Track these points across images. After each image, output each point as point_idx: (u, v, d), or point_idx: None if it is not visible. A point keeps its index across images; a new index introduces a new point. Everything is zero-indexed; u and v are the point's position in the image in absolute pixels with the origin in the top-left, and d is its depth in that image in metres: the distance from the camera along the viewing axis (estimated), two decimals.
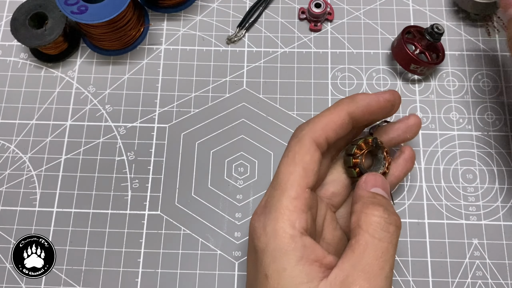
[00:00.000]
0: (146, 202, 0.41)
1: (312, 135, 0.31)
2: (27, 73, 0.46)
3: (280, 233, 0.28)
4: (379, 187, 0.31)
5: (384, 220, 0.28)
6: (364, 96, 0.33)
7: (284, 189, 0.29)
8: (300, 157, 0.30)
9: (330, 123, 0.32)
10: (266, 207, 0.30)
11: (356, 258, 0.28)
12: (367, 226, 0.28)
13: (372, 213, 0.29)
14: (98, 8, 0.41)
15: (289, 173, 0.30)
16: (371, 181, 0.32)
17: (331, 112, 0.32)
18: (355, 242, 0.28)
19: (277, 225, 0.28)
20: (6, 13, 0.48)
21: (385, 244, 0.28)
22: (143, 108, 0.44)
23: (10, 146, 0.43)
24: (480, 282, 0.39)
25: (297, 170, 0.30)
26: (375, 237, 0.28)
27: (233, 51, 0.46)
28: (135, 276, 0.39)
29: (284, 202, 0.29)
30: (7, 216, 0.41)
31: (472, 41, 0.46)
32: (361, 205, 0.30)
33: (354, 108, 0.32)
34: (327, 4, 0.46)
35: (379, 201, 0.30)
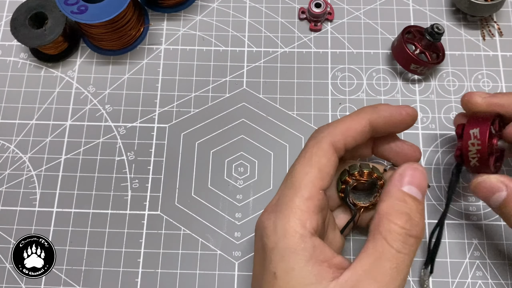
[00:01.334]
0: (146, 202, 0.41)
1: (331, 138, 0.31)
2: (27, 73, 0.46)
3: (291, 232, 0.28)
4: (414, 185, 0.29)
5: (405, 232, 0.28)
6: (387, 106, 0.33)
7: (298, 189, 0.29)
8: (317, 158, 0.30)
9: (350, 129, 0.32)
10: (278, 205, 0.30)
11: (370, 264, 0.27)
12: (386, 233, 0.28)
13: (394, 221, 0.28)
14: (98, 8, 0.41)
15: (305, 173, 0.30)
16: (408, 176, 0.30)
17: (352, 119, 0.32)
18: (372, 248, 0.28)
19: (287, 224, 0.28)
20: (6, 13, 0.48)
21: (401, 255, 0.27)
22: (143, 108, 0.44)
23: (10, 146, 0.43)
24: (480, 282, 0.39)
25: (312, 171, 0.30)
26: (392, 247, 0.27)
27: (233, 51, 0.46)
28: (135, 276, 0.39)
29: (296, 201, 0.29)
30: (7, 216, 0.41)
31: (472, 41, 0.46)
32: (386, 207, 0.29)
33: (376, 117, 0.32)
34: (327, 4, 0.46)
35: (406, 207, 0.29)
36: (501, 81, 0.45)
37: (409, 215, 0.28)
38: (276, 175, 0.42)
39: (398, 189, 0.29)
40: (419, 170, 0.30)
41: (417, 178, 0.30)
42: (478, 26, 0.47)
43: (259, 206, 0.41)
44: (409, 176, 0.30)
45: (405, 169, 0.30)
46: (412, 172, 0.30)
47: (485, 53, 0.46)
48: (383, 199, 0.29)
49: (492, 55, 0.46)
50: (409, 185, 0.29)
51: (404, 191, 0.29)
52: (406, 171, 0.30)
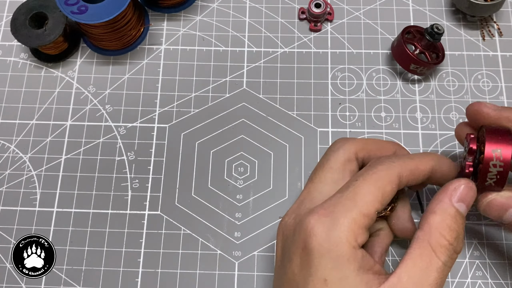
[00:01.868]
0: (146, 202, 0.41)
1: (401, 171, 0.31)
2: (27, 73, 0.46)
3: (344, 242, 0.29)
4: (465, 203, 0.31)
5: (453, 248, 0.29)
6: (449, 161, 0.34)
7: (359, 204, 0.30)
8: (383, 183, 0.31)
9: (418, 170, 0.32)
10: (333, 212, 0.30)
11: (416, 273, 0.28)
12: (436, 246, 0.29)
13: (446, 237, 0.29)
14: (98, 8, 0.41)
15: (369, 192, 0.30)
16: (462, 193, 0.31)
17: (421, 160, 0.33)
18: (419, 256, 0.29)
19: (342, 233, 0.29)
20: (6, 13, 0.48)
21: (446, 268, 0.29)
22: (143, 108, 0.44)
23: (10, 146, 0.43)
24: (480, 282, 0.39)
25: (377, 194, 0.30)
26: (440, 260, 0.29)
27: (233, 51, 0.46)
28: (135, 276, 0.39)
29: (355, 215, 0.29)
30: (7, 216, 0.41)
31: (472, 41, 0.46)
32: (439, 220, 0.30)
33: (438, 167, 0.33)
34: (327, 4, 0.46)
35: (456, 223, 0.30)
36: (500, 81, 0.45)
37: (458, 232, 0.30)
38: (276, 175, 0.42)
39: (451, 204, 0.30)
40: (473, 188, 0.31)
41: (469, 196, 0.31)
42: (478, 26, 0.47)
43: (259, 206, 0.41)
44: (462, 192, 0.31)
45: (460, 185, 0.31)
46: (466, 189, 0.31)
47: (485, 53, 0.46)
48: (435, 211, 0.30)
49: (492, 55, 0.46)
50: (461, 202, 0.30)
51: (456, 207, 0.30)
52: (461, 186, 0.31)
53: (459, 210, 0.30)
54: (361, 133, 0.43)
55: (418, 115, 0.44)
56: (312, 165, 0.42)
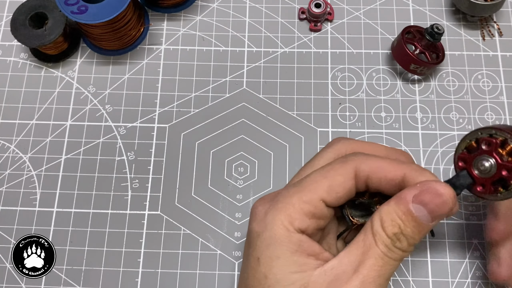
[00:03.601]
0: (146, 202, 0.41)
1: (357, 165, 0.30)
2: (27, 73, 0.46)
3: (278, 224, 0.28)
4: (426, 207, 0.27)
5: (392, 243, 0.28)
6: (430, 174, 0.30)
7: (301, 190, 0.29)
8: (335, 174, 0.29)
9: (381, 170, 0.29)
10: (276, 197, 0.30)
11: (356, 256, 0.28)
12: (375, 234, 0.28)
13: (386, 228, 0.28)
14: (98, 8, 0.41)
15: (315, 181, 0.29)
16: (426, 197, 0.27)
17: (389, 162, 0.30)
18: (362, 241, 0.28)
19: (277, 216, 0.29)
20: (6, 13, 0.48)
21: (386, 259, 0.28)
22: (143, 108, 0.44)
23: (10, 146, 0.43)
24: (480, 282, 0.39)
25: (323, 183, 0.29)
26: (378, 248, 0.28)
27: (233, 51, 0.46)
28: (135, 276, 0.39)
29: (294, 199, 0.29)
30: (7, 216, 0.41)
31: (472, 41, 0.46)
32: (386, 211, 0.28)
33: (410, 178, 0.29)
34: (327, 4, 0.46)
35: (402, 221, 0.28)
36: (501, 81, 0.45)
37: (401, 230, 0.28)
38: (276, 175, 0.42)
39: (407, 202, 0.28)
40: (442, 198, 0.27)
41: (435, 203, 0.27)
42: (478, 26, 0.47)
43: None
44: (427, 197, 0.27)
45: (428, 188, 0.28)
46: (433, 196, 0.27)
47: (485, 53, 0.46)
48: (390, 202, 0.28)
49: (492, 55, 0.46)
50: (420, 205, 0.27)
51: (411, 208, 0.28)
52: (428, 190, 0.28)
53: (412, 211, 0.27)
54: (361, 133, 0.43)
55: (418, 115, 0.44)
56: None
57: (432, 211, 0.28)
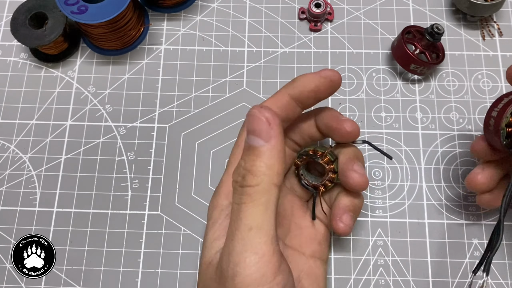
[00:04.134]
0: (146, 202, 0.41)
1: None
2: (27, 73, 0.46)
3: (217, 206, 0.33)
4: (253, 133, 0.29)
5: (238, 185, 0.29)
6: (303, 77, 0.34)
7: (226, 169, 0.34)
8: (242, 137, 0.33)
9: (273, 105, 0.33)
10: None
11: (229, 228, 0.29)
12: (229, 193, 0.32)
13: (234, 179, 0.29)
14: (98, 8, 0.41)
15: (233, 154, 0.34)
16: (251, 122, 0.29)
17: (274, 97, 0.34)
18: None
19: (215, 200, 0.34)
20: (6, 13, 0.48)
21: (238, 206, 0.28)
22: (143, 108, 0.44)
23: (10, 146, 0.43)
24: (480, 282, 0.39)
25: (239, 148, 0.33)
26: (235, 202, 0.29)
27: (233, 51, 0.46)
28: (135, 276, 0.39)
29: (223, 177, 0.34)
30: (7, 216, 0.41)
31: (472, 41, 0.46)
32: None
33: (294, 91, 0.33)
34: (327, 4, 0.46)
35: (242, 159, 0.29)
36: (501, 81, 0.45)
37: (240, 165, 0.29)
38: None
39: (244, 140, 0.30)
40: (255, 115, 0.29)
41: (252, 123, 0.29)
42: (478, 26, 0.47)
43: None
44: (251, 122, 0.29)
45: (247, 116, 0.29)
46: (250, 118, 0.29)
47: (485, 53, 0.46)
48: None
49: (492, 55, 0.46)
50: (249, 135, 0.29)
51: (247, 142, 0.29)
52: (247, 119, 0.29)
53: (247, 142, 0.29)
54: (361, 133, 0.43)
55: (418, 115, 0.44)
56: None
57: (254, 130, 0.29)
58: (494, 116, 0.33)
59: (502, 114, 0.32)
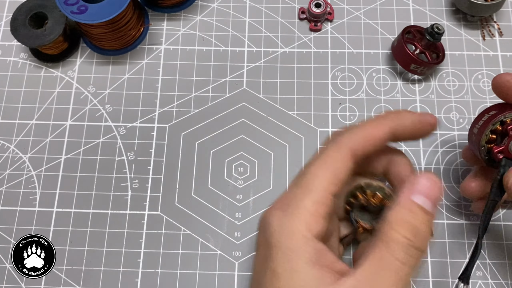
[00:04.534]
0: (146, 202, 0.41)
1: (351, 144, 0.30)
2: (27, 73, 0.46)
3: (296, 233, 0.28)
4: (425, 195, 0.28)
5: (409, 243, 0.27)
6: (410, 114, 0.32)
7: (309, 190, 0.29)
8: (333, 162, 0.29)
9: (371, 137, 0.31)
10: (286, 204, 0.29)
11: (371, 272, 0.27)
12: (389, 243, 0.27)
13: (399, 231, 0.27)
14: (98, 8, 0.41)
15: (318, 175, 0.29)
16: (419, 185, 0.28)
17: (374, 126, 0.31)
18: (374, 255, 0.27)
19: (293, 225, 0.28)
20: (6, 13, 0.48)
21: (404, 267, 0.27)
22: (143, 108, 0.44)
23: (10, 146, 0.43)
24: (480, 282, 0.39)
25: (326, 174, 0.29)
26: (395, 257, 0.27)
27: (233, 51, 0.46)
28: (135, 276, 0.39)
29: (306, 203, 0.28)
30: (7, 216, 0.41)
31: (472, 41, 0.46)
32: (392, 215, 0.28)
33: (398, 125, 0.31)
34: (327, 4, 0.46)
35: (413, 217, 0.28)
36: None
37: (415, 226, 0.27)
38: (276, 175, 0.42)
39: (407, 198, 0.28)
40: (432, 179, 0.29)
41: (429, 188, 0.28)
42: (478, 26, 0.47)
43: (259, 206, 0.41)
44: (420, 185, 0.28)
45: (417, 178, 0.29)
46: (425, 181, 0.28)
47: (485, 53, 0.46)
48: (391, 207, 0.28)
49: (492, 55, 0.46)
50: (419, 195, 0.28)
51: (413, 201, 0.28)
52: (418, 180, 0.29)
53: (418, 203, 0.28)
54: None
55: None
56: None
57: (432, 197, 0.28)
58: (475, 132, 0.34)
59: (482, 132, 0.33)
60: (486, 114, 0.34)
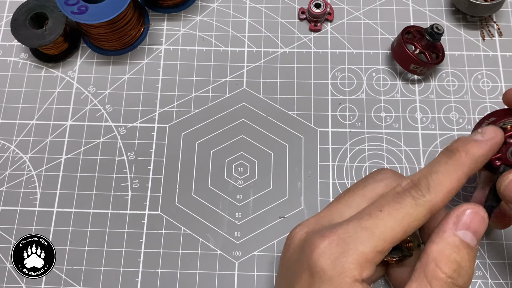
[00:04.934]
0: (146, 202, 0.41)
1: (431, 207, 0.28)
2: (27, 73, 0.46)
3: (349, 274, 0.27)
4: (471, 230, 0.27)
5: (451, 281, 0.27)
6: (481, 150, 0.30)
7: (375, 239, 0.28)
8: (409, 221, 0.28)
9: (451, 192, 0.28)
10: (344, 241, 0.28)
11: None
12: (431, 279, 0.27)
13: (443, 269, 0.27)
14: (98, 8, 0.41)
15: (391, 228, 0.28)
16: (466, 219, 0.28)
17: (457, 180, 0.28)
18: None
19: (348, 265, 0.27)
20: (6, 13, 0.48)
21: None
22: (143, 108, 0.44)
23: (10, 146, 0.43)
24: (480, 282, 0.39)
25: (398, 230, 0.28)
26: None
27: (233, 51, 0.46)
28: (135, 276, 0.39)
29: (368, 249, 0.27)
30: (7, 216, 0.41)
31: (472, 41, 0.46)
32: (436, 250, 0.27)
33: (473, 169, 0.29)
34: (327, 4, 0.46)
35: (458, 255, 0.27)
36: (500, 82, 0.45)
37: (459, 264, 0.27)
38: (276, 175, 0.42)
39: (452, 233, 0.27)
40: (480, 214, 0.28)
41: (475, 223, 0.28)
42: (478, 26, 0.47)
43: (259, 206, 0.41)
44: (467, 219, 0.28)
45: (464, 211, 0.28)
46: (472, 215, 0.28)
47: (484, 53, 0.46)
48: (435, 240, 0.28)
49: (492, 55, 0.46)
50: (465, 230, 0.27)
51: (459, 236, 0.27)
52: (465, 213, 0.28)
53: (463, 239, 0.27)
54: (361, 133, 0.43)
55: (418, 115, 0.44)
56: (312, 165, 0.42)
57: (476, 231, 0.28)
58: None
59: None
60: (486, 121, 0.34)
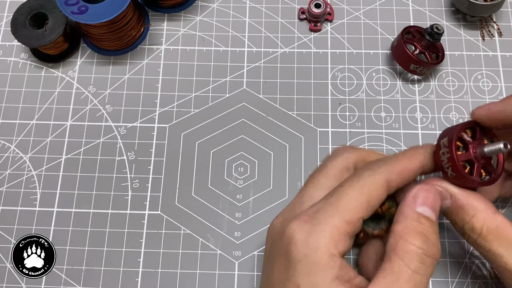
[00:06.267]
0: (146, 202, 0.41)
1: (387, 176, 0.31)
2: (28, 73, 0.46)
3: (322, 248, 0.28)
4: (428, 206, 0.30)
5: (422, 252, 0.28)
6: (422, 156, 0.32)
7: (342, 210, 0.29)
8: (369, 190, 0.30)
9: (407, 170, 0.31)
10: (315, 219, 0.29)
11: (387, 285, 0.27)
12: (403, 254, 0.28)
13: (411, 241, 0.28)
14: (98, 8, 0.41)
15: (353, 199, 0.30)
16: (421, 197, 0.30)
17: (409, 159, 0.32)
18: (389, 269, 0.28)
19: (321, 240, 0.28)
20: (6, 13, 0.48)
21: (419, 276, 0.27)
22: (143, 108, 0.44)
23: (10, 146, 0.43)
24: (480, 282, 0.39)
25: (361, 198, 0.30)
26: (409, 268, 0.27)
27: (233, 51, 0.46)
28: (135, 276, 0.39)
29: (337, 221, 0.29)
30: (7, 216, 0.41)
31: (471, 41, 0.46)
32: (401, 228, 0.29)
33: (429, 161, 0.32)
34: (327, 4, 0.46)
35: (422, 227, 0.29)
36: (500, 82, 0.45)
37: (425, 235, 0.28)
38: (276, 175, 0.42)
39: (412, 210, 0.29)
40: (432, 191, 0.30)
41: (431, 199, 0.30)
42: (478, 26, 0.47)
43: (259, 206, 0.41)
44: (422, 197, 0.30)
45: (418, 191, 0.30)
46: (425, 193, 0.30)
47: (484, 53, 0.46)
48: (398, 220, 0.29)
49: (492, 55, 0.46)
50: (423, 206, 0.30)
51: (419, 212, 0.29)
52: (419, 193, 0.30)
53: (423, 214, 0.29)
54: (361, 133, 0.43)
55: (418, 115, 0.44)
56: (312, 165, 0.42)
57: (433, 206, 0.30)
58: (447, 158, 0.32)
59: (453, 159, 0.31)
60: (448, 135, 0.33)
